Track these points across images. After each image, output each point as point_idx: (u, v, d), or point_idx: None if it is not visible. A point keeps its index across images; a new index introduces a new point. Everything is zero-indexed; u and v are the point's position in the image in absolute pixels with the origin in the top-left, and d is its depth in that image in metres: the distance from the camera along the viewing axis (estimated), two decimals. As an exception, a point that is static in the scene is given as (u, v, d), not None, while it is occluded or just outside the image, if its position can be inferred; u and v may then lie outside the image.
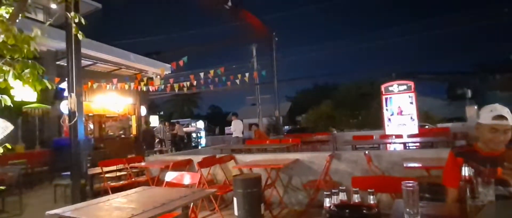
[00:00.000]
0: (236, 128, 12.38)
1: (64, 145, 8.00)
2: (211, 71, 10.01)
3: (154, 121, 16.20)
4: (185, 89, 11.93)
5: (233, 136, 12.43)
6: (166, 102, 36.26)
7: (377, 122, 13.63)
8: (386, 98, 9.55)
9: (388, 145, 7.11)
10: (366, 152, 4.32)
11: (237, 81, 11.03)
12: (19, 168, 5.51)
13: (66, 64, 3.99)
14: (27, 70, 2.48)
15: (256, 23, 14.10)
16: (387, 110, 9.55)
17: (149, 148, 12.06)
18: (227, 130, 23.07)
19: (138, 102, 12.98)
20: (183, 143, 15.31)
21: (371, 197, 1.40)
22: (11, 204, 5.25)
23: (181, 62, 8.58)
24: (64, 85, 9.42)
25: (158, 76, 11.69)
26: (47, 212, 2.10)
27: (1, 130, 2.53)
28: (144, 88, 10.95)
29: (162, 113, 30.62)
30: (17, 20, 2.69)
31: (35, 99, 2.73)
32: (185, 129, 17.33)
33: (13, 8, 2.73)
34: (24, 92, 2.64)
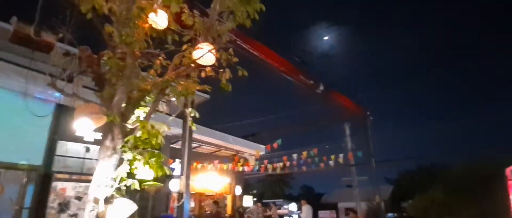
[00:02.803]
0: (307, 214, 11.66)
1: (170, 221, 8.74)
2: (304, 153, 10.04)
3: (248, 200, 16.44)
4: (278, 170, 12.08)
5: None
6: (258, 181, 36.92)
7: (505, 211, 10.79)
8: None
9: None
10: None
11: (331, 162, 10.68)
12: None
13: (177, 147, 4.66)
14: (153, 159, 2.98)
15: (348, 104, 14.05)
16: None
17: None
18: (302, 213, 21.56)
19: (234, 182, 13.59)
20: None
21: None
22: None
23: (275, 145, 8.92)
24: (173, 165, 10.71)
25: (253, 157, 12.26)
26: None
27: (126, 209, 2.96)
28: (240, 169, 11.53)
29: (254, 191, 31.01)
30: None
31: (152, 178, 3.19)
32: (280, 211, 16.92)
33: (148, 108, 3.45)
34: (144, 171, 3.14)
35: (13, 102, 8.19)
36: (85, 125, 2.91)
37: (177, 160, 9.95)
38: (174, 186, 10.75)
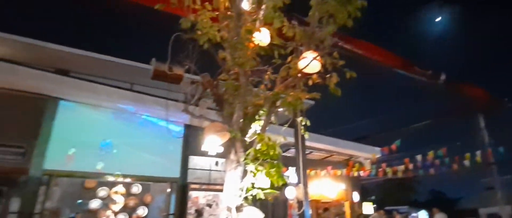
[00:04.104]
0: None
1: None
2: (430, 153, 8.84)
3: (367, 208, 15.41)
4: (399, 173, 10.97)
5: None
6: (377, 187, 34.22)
7: None
8: None
9: None
10: None
11: (466, 162, 9.08)
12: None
13: (289, 155, 4.76)
14: (273, 169, 3.14)
15: (478, 93, 11.72)
16: None
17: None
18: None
19: (350, 188, 12.99)
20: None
21: None
22: None
23: (393, 146, 8.16)
24: (286, 173, 11.01)
25: (369, 161, 11.50)
26: None
27: (255, 217, 3.19)
28: (356, 174, 10.97)
29: (373, 197, 28.87)
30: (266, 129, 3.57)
31: (269, 186, 3.33)
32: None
33: (263, 121, 3.67)
34: (261, 180, 3.32)
35: (155, 127, 10.04)
36: (212, 142, 3.31)
37: (290, 168, 10.18)
38: (290, 193, 11.04)
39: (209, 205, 12.76)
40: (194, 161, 10.59)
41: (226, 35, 3.55)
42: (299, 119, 3.75)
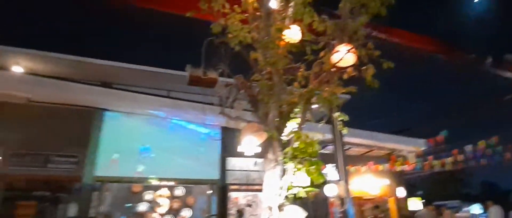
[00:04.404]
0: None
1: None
2: (481, 143, 8.20)
3: (414, 204, 14.63)
4: (447, 166, 10.30)
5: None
6: (423, 181, 32.40)
7: None
8: None
9: None
10: None
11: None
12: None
13: (326, 152, 4.66)
14: (312, 167, 3.10)
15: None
16: None
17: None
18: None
19: (394, 184, 12.44)
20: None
21: None
22: None
23: (440, 138, 7.69)
24: (324, 170, 10.79)
25: (413, 154, 10.93)
26: None
27: (297, 215, 3.17)
28: (399, 168, 10.49)
29: (420, 192, 27.36)
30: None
31: (309, 184, 3.28)
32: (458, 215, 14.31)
33: (299, 118, 3.64)
34: (300, 179, 3.28)
35: (193, 131, 10.38)
36: (250, 142, 3.34)
37: (329, 166, 9.98)
38: (331, 191, 10.80)
39: (249, 205, 12.89)
40: (233, 163, 10.77)
41: (256, 35, 3.57)
42: (336, 114, 3.66)
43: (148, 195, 12.71)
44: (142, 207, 12.67)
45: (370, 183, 11.96)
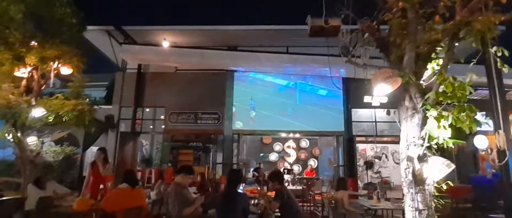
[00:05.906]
0: None
1: (483, 183, 7.56)
2: None
3: None
4: None
5: None
6: None
7: None
8: None
9: None
10: None
11: None
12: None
13: (476, 98, 3.84)
14: (463, 113, 2.65)
15: None
16: None
17: None
18: None
19: None
20: None
21: None
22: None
23: None
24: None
25: None
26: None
27: (443, 168, 2.83)
28: None
29: None
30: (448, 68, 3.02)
31: (449, 136, 2.79)
32: None
33: (443, 59, 3.11)
34: (439, 129, 2.82)
35: (315, 85, 10.42)
36: (382, 90, 3.09)
37: (479, 113, 8.37)
38: (481, 143, 9.16)
39: (378, 157, 12.38)
40: (358, 114, 10.38)
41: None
42: (493, 49, 2.92)
43: (277, 146, 14.08)
44: (273, 156, 14.24)
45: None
